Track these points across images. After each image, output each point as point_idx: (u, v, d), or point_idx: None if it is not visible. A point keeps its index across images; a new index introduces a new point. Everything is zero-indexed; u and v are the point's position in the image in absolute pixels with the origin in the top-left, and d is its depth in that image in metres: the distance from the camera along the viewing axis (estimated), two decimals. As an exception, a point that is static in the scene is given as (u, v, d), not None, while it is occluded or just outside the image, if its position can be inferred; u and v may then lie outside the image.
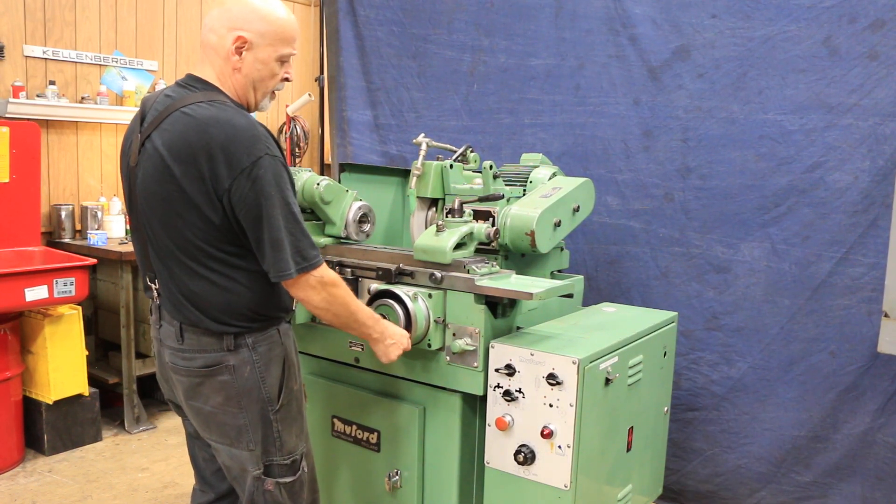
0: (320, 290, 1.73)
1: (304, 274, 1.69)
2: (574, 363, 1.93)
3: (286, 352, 1.86)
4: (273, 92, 1.86)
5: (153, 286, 1.81)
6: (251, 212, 1.65)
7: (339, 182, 2.55)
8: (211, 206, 1.65)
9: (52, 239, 4.02)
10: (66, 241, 3.99)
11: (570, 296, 2.51)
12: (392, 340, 1.97)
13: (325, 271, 1.74)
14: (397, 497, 2.29)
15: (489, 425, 2.08)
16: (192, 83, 1.77)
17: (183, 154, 1.64)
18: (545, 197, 2.43)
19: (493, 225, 2.38)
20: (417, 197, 2.48)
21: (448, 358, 2.13)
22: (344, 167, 2.71)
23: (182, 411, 1.94)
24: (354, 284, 2.25)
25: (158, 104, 1.74)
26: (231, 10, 1.74)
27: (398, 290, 2.09)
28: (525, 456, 1.99)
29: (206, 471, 2.05)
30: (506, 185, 2.62)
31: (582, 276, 2.70)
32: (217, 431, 1.82)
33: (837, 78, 2.63)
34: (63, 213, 4.02)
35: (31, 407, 3.57)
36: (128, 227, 4.15)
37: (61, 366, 3.51)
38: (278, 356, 1.83)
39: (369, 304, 2.12)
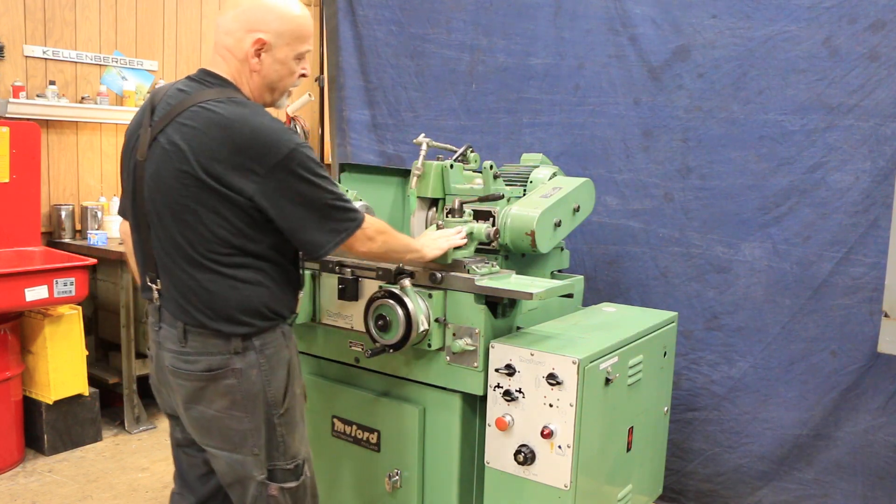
0: (376, 237, 1.83)
1: (359, 228, 1.77)
2: (574, 363, 1.92)
3: (290, 354, 1.84)
4: (289, 90, 1.84)
5: (154, 286, 1.76)
6: (294, 199, 1.66)
7: (339, 182, 2.54)
8: (233, 202, 1.63)
9: (52, 239, 4.01)
10: (66, 241, 3.99)
11: (570, 296, 2.51)
12: (433, 236, 2.10)
13: (370, 221, 1.83)
14: (397, 497, 2.28)
15: (489, 425, 2.08)
16: (207, 78, 1.73)
17: (208, 150, 1.60)
18: (545, 197, 2.43)
19: (493, 225, 2.38)
20: (418, 197, 2.48)
21: (448, 358, 2.13)
22: (344, 167, 2.70)
23: (175, 419, 1.89)
24: (355, 284, 2.25)
25: (170, 98, 1.70)
26: (247, 11, 1.71)
27: (397, 289, 2.09)
28: (525, 456, 1.99)
29: (189, 474, 1.98)
30: (506, 185, 2.61)
31: (582, 276, 2.70)
32: (219, 437, 1.77)
33: (838, 79, 2.63)
34: (63, 213, 4.02)
35: (31, 407, 3.56)
36: (128, 227, 4.15)
37: (61, 366, 3.50)
38: (284, 359, 1.80)
39: (369, 304, 2.12)
